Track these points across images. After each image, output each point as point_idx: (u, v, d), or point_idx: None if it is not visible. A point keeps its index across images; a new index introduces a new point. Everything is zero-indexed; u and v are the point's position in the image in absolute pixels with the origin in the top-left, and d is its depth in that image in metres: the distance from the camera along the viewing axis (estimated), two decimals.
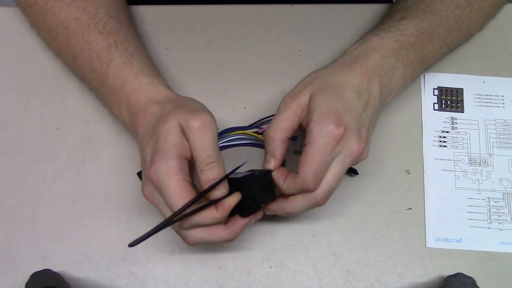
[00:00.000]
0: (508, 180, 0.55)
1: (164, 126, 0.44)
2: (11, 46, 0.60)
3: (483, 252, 0.53)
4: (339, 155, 0.44)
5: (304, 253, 0.53)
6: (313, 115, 0.44)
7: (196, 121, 0.43)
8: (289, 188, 0.45)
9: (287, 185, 0.45)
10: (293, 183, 0.44)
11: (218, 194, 0.43)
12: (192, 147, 0.43)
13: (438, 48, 0.54)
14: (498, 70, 0.60)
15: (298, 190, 0.44)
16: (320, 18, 0.62)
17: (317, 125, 0.43)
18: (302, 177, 0.43)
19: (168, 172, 0.42)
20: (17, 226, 0.53)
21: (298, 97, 0.46)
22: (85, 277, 0.52)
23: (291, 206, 0.46)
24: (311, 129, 0.44)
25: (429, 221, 0.54)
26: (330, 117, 0.44)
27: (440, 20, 0.53)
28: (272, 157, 0.46)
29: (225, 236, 0.45)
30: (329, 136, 0.43)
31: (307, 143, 0.44)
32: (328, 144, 0.43)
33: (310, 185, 0.43)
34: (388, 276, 0.52)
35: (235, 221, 0.45)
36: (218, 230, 0.44)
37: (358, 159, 0.45)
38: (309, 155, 0.43)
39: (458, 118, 0.58)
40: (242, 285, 0.52)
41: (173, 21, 0.62)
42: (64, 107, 0.58)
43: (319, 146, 0.43)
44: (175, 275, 0.52)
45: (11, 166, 0.55)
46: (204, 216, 0.43)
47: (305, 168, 0.43)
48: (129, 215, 0.54)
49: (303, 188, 0.44)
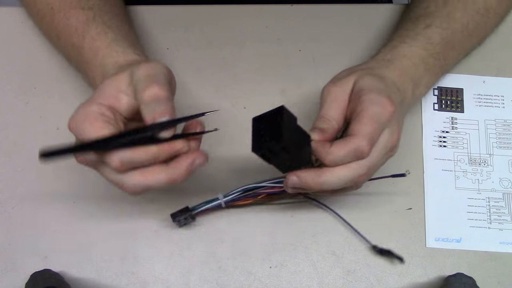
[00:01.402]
0: (508, 180, 0.55)
1: (106, 80, 0.41)
2: (11, 46, 0.60)
3: (483, 252, 0.53)
4: (386, 130, 0.42)
5: (304, 253, 0.53)
6: (363, 91, 0.42)
7: (142, 68, 0.40)
8: (338, 151, 0.40)
9: (336, 148, 0.40)
10: (344, 145, 0.40)
11: (164, 135, 0.39)
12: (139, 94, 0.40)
13: (458, 55, 0.55)
14: (498, 70, 0.60)
15: (348, 154, 0.40)
16: (320, 18, 0.62)
17: (371, 95, 0.42)
18: (359, 137, 0.40)
19: (86, 117, 0.39)
20: (17, 226, 0.53)
21: (341, 85, 0.44)
22: (85, 277, 0.52)
23: (328, 177, 0.41)
24: (363, 99, 0.41)
25: (429, 221, 0.54)
26: (381, 92, 0.42)
27: (461, 27, 0.53)
28: (320, 131, 0.42)
29: (165, 178, 0.39)
30: (383, 107, 0.41)
31: (360, 110, 0.41)
32: (382, 113, 0.41)
33: (365, 149, 0.40)
34: (388, 276, 0.52)
35: (179, 159, 0.40)
36: (156, 171, 0.39)
37: (394, 149, 0.44)
38: (364, 118, 0.40)
39: (458, 118, 0.58)
40: (242, 285, 0.52)
41: (173, 21, 0.62)
42: (64, 107, 0.57)
43: (374, 112, 0.41)
44: (175, 275, 0.52)
45: (11, 166, 0.55)
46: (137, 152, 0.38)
47: (361, 129, 0.40)
48: (129, 215, 0.54)
49: (356, 150, 0.40)
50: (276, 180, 0.50)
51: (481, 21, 0.54)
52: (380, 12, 0.63)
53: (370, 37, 0.61)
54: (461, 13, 0.53)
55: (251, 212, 0.54)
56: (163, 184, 0.40)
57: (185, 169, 0.40)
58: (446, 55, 0.52)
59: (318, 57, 0.60)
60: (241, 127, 0.57)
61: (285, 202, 0.54)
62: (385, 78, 0.46)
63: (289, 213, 0.54)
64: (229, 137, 0.56)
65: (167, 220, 0.53)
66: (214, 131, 0.42)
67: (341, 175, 0.41)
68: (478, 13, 0.54)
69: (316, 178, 0.41)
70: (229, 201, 0.51)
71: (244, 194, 0.51)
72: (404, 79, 0.48)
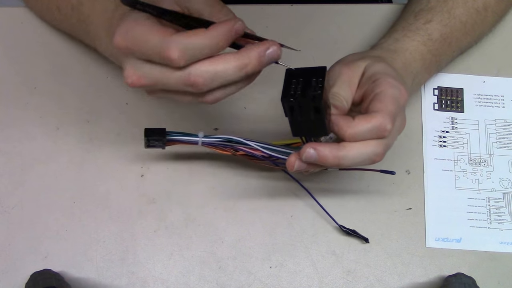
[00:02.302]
0: (508, 180, 0.55)
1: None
2: (11, 46, 0.60)
3: (483, 252, 0.53)
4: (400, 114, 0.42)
5: (304, 253, 0.53)
6: (379, 75, 0.42)
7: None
8: (362, 125, 0.40)
9: (359, 122, 0.40)
10: (369, 120, 0.40)
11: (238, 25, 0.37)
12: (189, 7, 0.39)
13: (453, 52, 0.55)
14: (498, 70, 0.60)
15: (371, 130, 0.40)
16: (320, 18, 0.62)
17: (388, 79, 0.42)
18: (383, 114, 0.39)
19: (136, 23, 0.37)
20: (17, 226, 0.53)
21: (351, 67, 0.44)
22: (85, 277, 0.52)
23: (348, 152, 0.40)
24: (381, 82, 0.42)
25: (429, 221, 0.54)
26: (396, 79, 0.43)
27: (460, 25, 0.53)
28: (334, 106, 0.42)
29: (235, 64, 0.37)
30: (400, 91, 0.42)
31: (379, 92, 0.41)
32: (400, 97, 0.41)
33: (388, 125, 0.39)
34: (388, 276, 0.52)
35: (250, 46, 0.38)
36: (226, 57, 0.37)
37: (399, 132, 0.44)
38: (385, 98, 0.41)
39: (458, 118, 0.58)
40: (242, 285, 0.52)
41: None
42: (64, 107, 0.58)
43: (394, 94, 0.41)
44: (175, 275, 0.52)
45: (11, 166, 0.55)
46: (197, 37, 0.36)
47: (385, 107, 0.40)
48: (129, 215, 0.54)
49: (380, 126, 0.40)
50: (263, 145, 0.47)
51: (478, 20, 0.54)
52: (380, 12, 0.63)
53: (370, 37, 0.61)
54: (461, 10, 0.53)
55: (251, 212, 0.54)
56: (234, 71, 0.37)
57: (257, 55, 0.37)
58: (442, 52, 0.53)
59: (318, 57, 0.60)
60: (241, 126, 0.57)
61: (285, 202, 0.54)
62: (395, 67, 0.47)
63: (289, 213, 0.54)
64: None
65: (167, 220, 0.53)
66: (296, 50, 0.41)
67: (361, 151, 0.40)
68: (477, 11, 0.54)
69: (336, 152, 0.40)
70: (207, 143, 0.48)
71: (225, 143, 0.48)
72: (406, 73, 0.48)
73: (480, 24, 0.55)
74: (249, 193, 0.55)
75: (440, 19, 0.52)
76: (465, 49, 0.58)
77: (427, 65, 0.51)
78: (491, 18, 0.56)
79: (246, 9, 0.63)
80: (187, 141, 0.49)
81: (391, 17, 0.62)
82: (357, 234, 0.52)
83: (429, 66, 0.52)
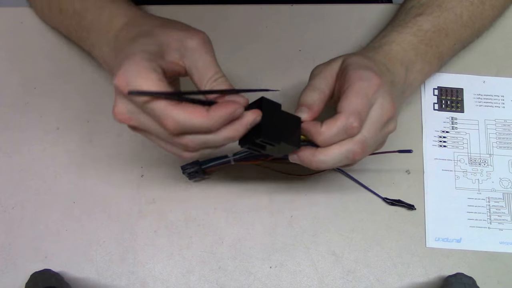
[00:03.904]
0: (508, 180, 0.55)
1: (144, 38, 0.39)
2: (11, 46, 0.60)
3: (483, 252, 0.53)
4: (376, 103, 0.42)
5: (304, 253, 0.53)
6: (350, 67, 0.43)
7: (198, 38, 0.40)
8: (329, 130, 0.41)
9: (326, 127, 0.41)
10: (334, 123, 0.40)
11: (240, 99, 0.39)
12: (193, 67, 0.40)
13: (453, 44, 0.55)
14: (498, 70, 0.60)
15: (338, 132, 0.41)
16: (320, 18, 0.62)
17: (357, 71, 0.42)
18: (347, 114, 0.40)
19: (140, 72, 0.37)
20: (17, 226, 0.53)
21: (330, 64, 0.46)
22: (85, 277, 0.52)
23: (322, 157, 0.41)
24: (349, 75, 0.42)
25: (429, 221, 0.54)
26: (367, 68, 0.43)
27: (455, 16, 0.53)
28: (307, 107, 0.43)
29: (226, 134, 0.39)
30: (369, 80, 0.42)
31: (347, 87, 0.42)
32: (368, 87, 0.41)
33: (353, 124, 0.40)
34: (388, 276, 0.52)
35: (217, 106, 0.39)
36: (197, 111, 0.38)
37: (390, 123, 0.44)
38: (350, 95, 0.41)
39: (458, 118, 0.58)
40: (242, 285, 0.52)
41: None
42: (64, 107, 0.58)
43: (360, 87, 0.41)
44: (175, 275, 0.52)
45: (11, 166, 0.55)
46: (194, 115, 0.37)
47: (348, 106, 0.40)
48: (129, 215, 0.54)
49: (346, 127, 0.40)
50: None
51: (476, 12, 0.55)
52: (380, 12, 0.63)
53: (370, 37, 0.61)
54: (454, 3, 0.54)
55: (251, 212, 0.54)
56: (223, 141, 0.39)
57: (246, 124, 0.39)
58: (439, 43, 0.53)
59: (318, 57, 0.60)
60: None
61: (285, 202, 0.54)
62: (374, 59, 0.47)
63: (289, 213, 0.54)
64: None
65: (167, 220, 0.53)
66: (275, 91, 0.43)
67: (336, 153, 0.41)
68: (472, 4, 0.54)
69: (313, 157, 0.42)
70: (238, 159, 0.49)
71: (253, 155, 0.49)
72: (393, 62, 0.48)
73: (478, 16, 0.55)
74: (249, 193, 0.55)
75: (430, 11, 0.53)
76: (467, 43, 0.58)
77: (422, 55, 0.51)
78: (489, 11, 0.56)
79: (246, 9, 0.63)
80: (221, 164, 0.51)
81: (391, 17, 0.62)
82: (403, 203, 0.53)
83: (426, 56, 0.52)
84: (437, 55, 0.53)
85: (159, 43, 0.40)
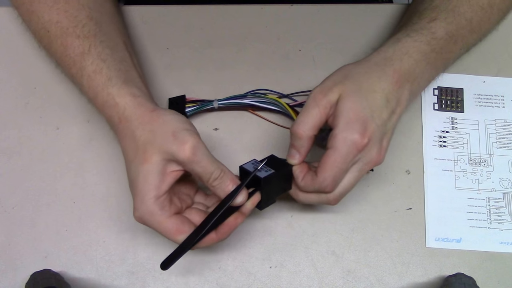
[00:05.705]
0: (508, 180, 0.55)
1: (144, 165, 0.44)
2: (11, 46, 0.60)
3: (483, 252, 0.53)
4: (358, 162, 0.46)
5: (304, 253, 0.53)
6: (340, 120, 0.45)
7: (184, 152, 0.44)
8: (306, 187, 0.46)
9: (304, 183, 0.46)
10: (311, 183, 0.46)
11: (240, 201, 0.45)
12: (192, 173, 0.45)
13: (459, 49, 0.54)
14: (498, 70, 0.60)
15: (314, 190, 0.46)
16: (320, 18, 0.62)
17: (343, 132, 0.44)
18: (321, 179, 0.45)
19: (151, 216, 0.44)
20: (17, 226, 0.53)
21: (327, 94, 0.46)
22: (85, 277, 0.52)
23: (304, 197, 0.48)
24: (336, 134, 0.44)
25: (429, 221, 0.54)
26: (355, 126, 0.44)
27: (465, 22, 0.53)
28: (297, 152, 0.47)
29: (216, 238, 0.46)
30: (353, 145, 0.44)
31: (330, 147, 0.45)
32: (350, 152, 0.44)
33: (327, 188, 0.45)
34: (388, 276, 0.52)
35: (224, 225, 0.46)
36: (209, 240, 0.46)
37: (376, 165, 0.47)
38: (330, 160, 0.44)
39: (458, 118, 0.58)
40: (242, 285, 0.52)
41: (173, 21, 0.62)
42: (64, 107, 0.58)
43: (342, 153, 0.44)
44: (175, 275, 0.52)
45: (11, 166, 0.55)
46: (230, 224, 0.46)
47: (324, 172, 0.45)
48: (129, 215, 0.54)
49: (320, 189, 0.46)
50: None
51: (484, 17, 0.54)
52: (380, 12, 0.63)
53: (370, 37, 0.61)
54: (465, 8, 0.53)
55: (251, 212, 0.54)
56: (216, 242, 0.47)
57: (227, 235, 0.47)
58: (449, 50, 0.52)
59: (318, 57, 0.60)
60: (242, 127, 0.57)
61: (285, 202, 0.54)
62: (375, 92, 0.46)
63: (289, 213, 0.54)
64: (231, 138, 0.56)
65: None
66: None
67: (312, 198, 0.48)
68: (482, 9, 0.54)
69: (295, 195, 0.48)
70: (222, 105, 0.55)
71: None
72: (400, 85, 0.47)
73: (486, 21, 0.55)
74: None
75: (445, 17, 0.52)
76: (472, 47, 0.57)
77: (432, 63, 0.51)
78: (496, 15, 0.56)
79: (246, 9, 0.63)
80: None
81: (391, 17, 0.62)
82: None
83: (434, 63, 0.51)
84: (444, 61, 0.53)
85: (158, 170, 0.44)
